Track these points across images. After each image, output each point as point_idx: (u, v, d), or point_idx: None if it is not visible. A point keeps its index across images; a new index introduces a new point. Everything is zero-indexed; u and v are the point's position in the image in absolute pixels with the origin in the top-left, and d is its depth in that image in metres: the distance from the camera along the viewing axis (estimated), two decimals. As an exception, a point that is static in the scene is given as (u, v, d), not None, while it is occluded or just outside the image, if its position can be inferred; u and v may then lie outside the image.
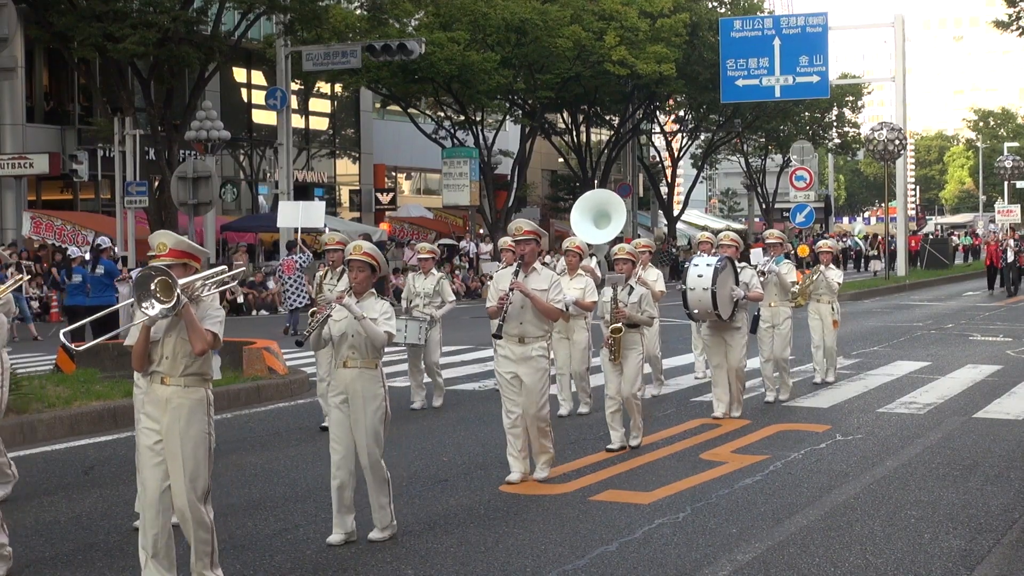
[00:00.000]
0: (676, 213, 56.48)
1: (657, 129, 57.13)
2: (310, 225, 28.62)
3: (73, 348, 7.66)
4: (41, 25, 30.36)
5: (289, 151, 35.32)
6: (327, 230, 22.41)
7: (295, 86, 38.99)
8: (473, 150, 42.97)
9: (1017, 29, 42.05)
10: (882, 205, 62.47)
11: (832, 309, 14.94)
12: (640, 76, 41.70)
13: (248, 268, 33.23)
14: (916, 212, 63.39)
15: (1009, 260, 35.18)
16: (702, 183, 72.07)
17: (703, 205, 79.01)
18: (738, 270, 12.23)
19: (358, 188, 47.83)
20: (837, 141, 63.63)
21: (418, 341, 12.91)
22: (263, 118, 41.40)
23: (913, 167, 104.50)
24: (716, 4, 50.26)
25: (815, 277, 14.90)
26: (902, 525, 7.88)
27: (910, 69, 54.92)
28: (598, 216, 14.34)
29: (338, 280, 11.20)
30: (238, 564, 7.06)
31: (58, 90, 37.45)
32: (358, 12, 37.87)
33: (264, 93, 37.46)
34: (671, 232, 53.20)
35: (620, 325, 10.30)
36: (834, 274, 14.98)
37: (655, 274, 13.59)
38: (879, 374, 15.85)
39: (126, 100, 31.68)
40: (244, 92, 43.19)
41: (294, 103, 38.53)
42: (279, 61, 35.09)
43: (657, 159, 59.40)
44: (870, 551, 7.27)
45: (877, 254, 50.71)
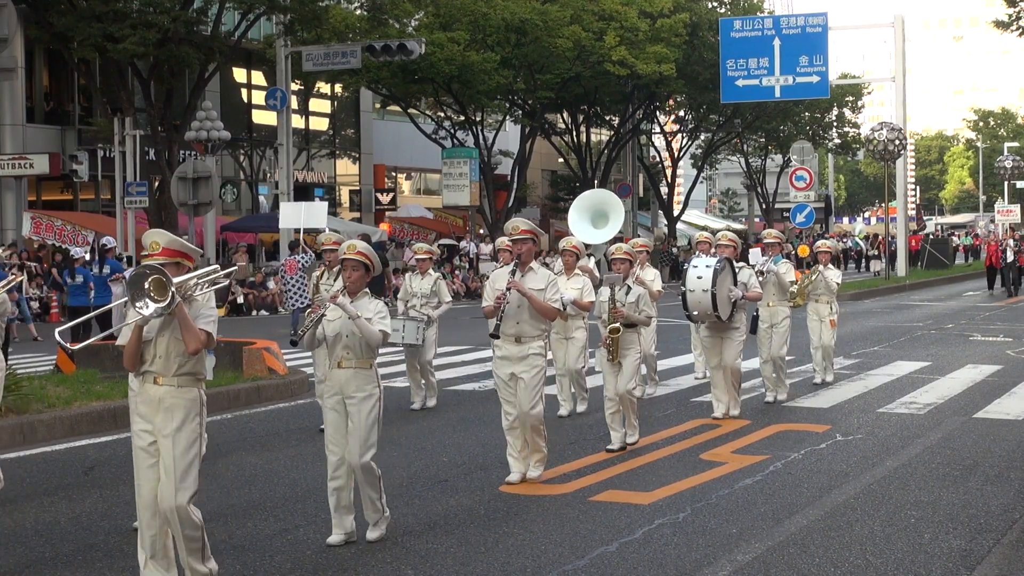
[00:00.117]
0: (676, 213, 56.45)
1: (657, 129, 57.10)
2: (312, 226, 28.60)
3: (69, 347, 7.68)
4: (41, 25, 30.37)
5: (289, 151, 35.31)
6: (327, 230, 22.40)
7: (295, 86, 38.98)
8: (473, 150, 42.96)
9: (1017, 29, 42.06)
10: (882, 205, 62.44)
11: (831, 309, 14.94)
12: (640, 76, 41.69)
13: (248, 268, 33.24)
14: (916, 212, 63.37)
15: (1009, 260, 35.17)
16: (702, 183, 72.04)
17: (703, 205, 78.96)
18: (736, 270, 12.23)
19: (358, 188, 47.82)
20: (837, 141, 63.59)
21: (416, 341, 12.89)
22: (263, 118, 41.39)
23: (913, 167, 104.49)
24: (716, 4, 50.22)
25: (814, 277, 14.88)
26: (902, 525, 7.88)
27: (910, 69, 54.90)
28: (596, 216, 14.35)
29: (335, 280, 11.21)
30: (238, 564, 7.05)
31: (58, 90, 37.45)
32: (358, 12, 37.89)
33: (264, 93, 37.46)
34: (671, 232, 53.20)
35: (618, 325, 10.30)
36: (833, 274, 14.96)
37: (652, 274, 13.58)
38: (879, 374, 15.85)
39: (126, 100, 31.69)
40: (244, 92, 43.19)
41: (294, 103, 38.52)
42: (279, 61, 35.09)
43: (657, 159, 59.36)
44: (870, 551, 7.27)
45: (878, 254, 50.68)
